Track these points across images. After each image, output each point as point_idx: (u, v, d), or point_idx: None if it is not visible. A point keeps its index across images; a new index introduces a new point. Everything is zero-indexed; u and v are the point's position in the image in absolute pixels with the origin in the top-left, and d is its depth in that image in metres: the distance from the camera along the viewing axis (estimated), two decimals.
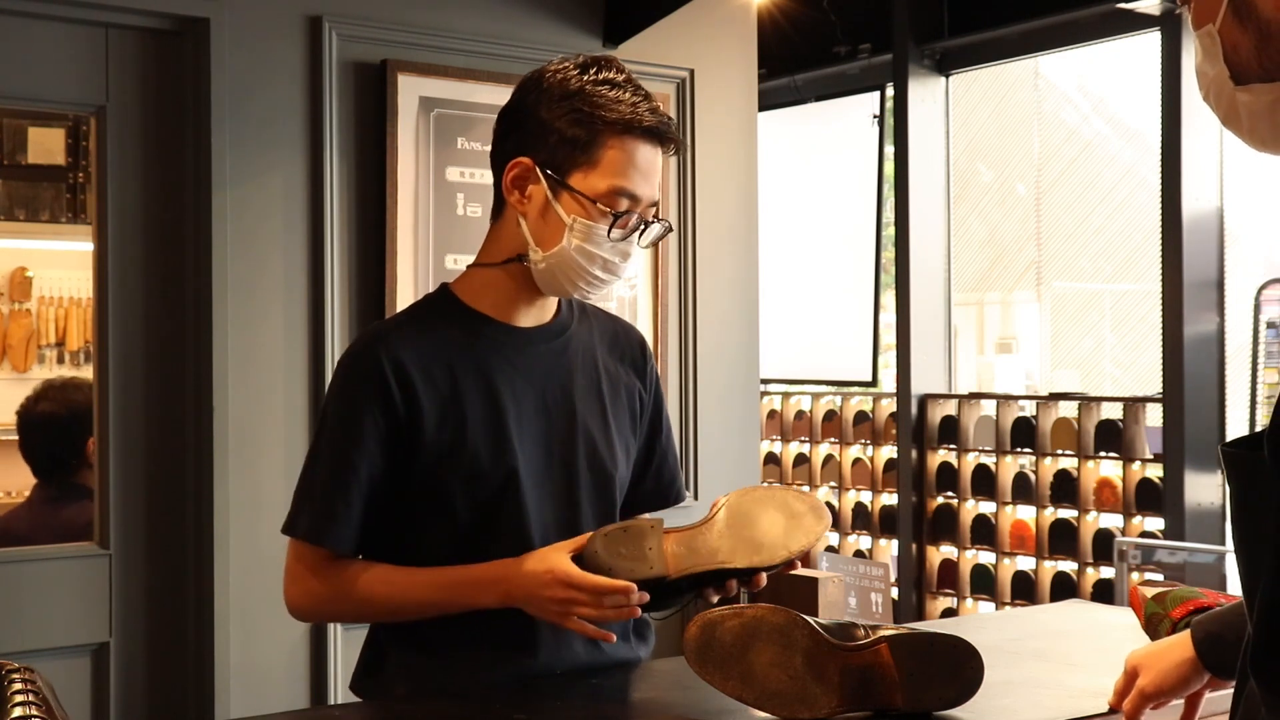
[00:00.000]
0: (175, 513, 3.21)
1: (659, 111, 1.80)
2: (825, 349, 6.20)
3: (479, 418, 1.79)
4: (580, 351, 1.90)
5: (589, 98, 1.77)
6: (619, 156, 1.76)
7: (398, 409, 1.77)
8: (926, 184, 5.68)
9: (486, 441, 1.79)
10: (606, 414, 1.90)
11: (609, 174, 1.76)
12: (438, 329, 1.83)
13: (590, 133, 1.76)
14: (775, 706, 1.59)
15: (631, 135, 1.76)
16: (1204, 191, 4.71)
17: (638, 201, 1.78)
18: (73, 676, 3.07)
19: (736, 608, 1.63)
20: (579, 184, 1.76)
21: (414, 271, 3.42)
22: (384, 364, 1.77)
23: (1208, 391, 4.71)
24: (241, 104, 3.23)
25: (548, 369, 1.86)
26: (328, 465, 1.79)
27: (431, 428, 1.77)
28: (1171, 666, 1.59)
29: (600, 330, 1.96)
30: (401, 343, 1.80)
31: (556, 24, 3.67)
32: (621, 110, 1.76)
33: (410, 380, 1.77)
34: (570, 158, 1.77)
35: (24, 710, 1.24)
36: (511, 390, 1.82)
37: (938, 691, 1.59)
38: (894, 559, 5.73)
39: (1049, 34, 5.29)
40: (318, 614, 1.86)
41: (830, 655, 1.58)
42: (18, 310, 5.21)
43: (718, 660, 1.60)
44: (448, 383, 1.79)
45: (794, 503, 1.74)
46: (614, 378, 1.93)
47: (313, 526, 1.79)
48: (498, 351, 1.83)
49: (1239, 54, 0.98)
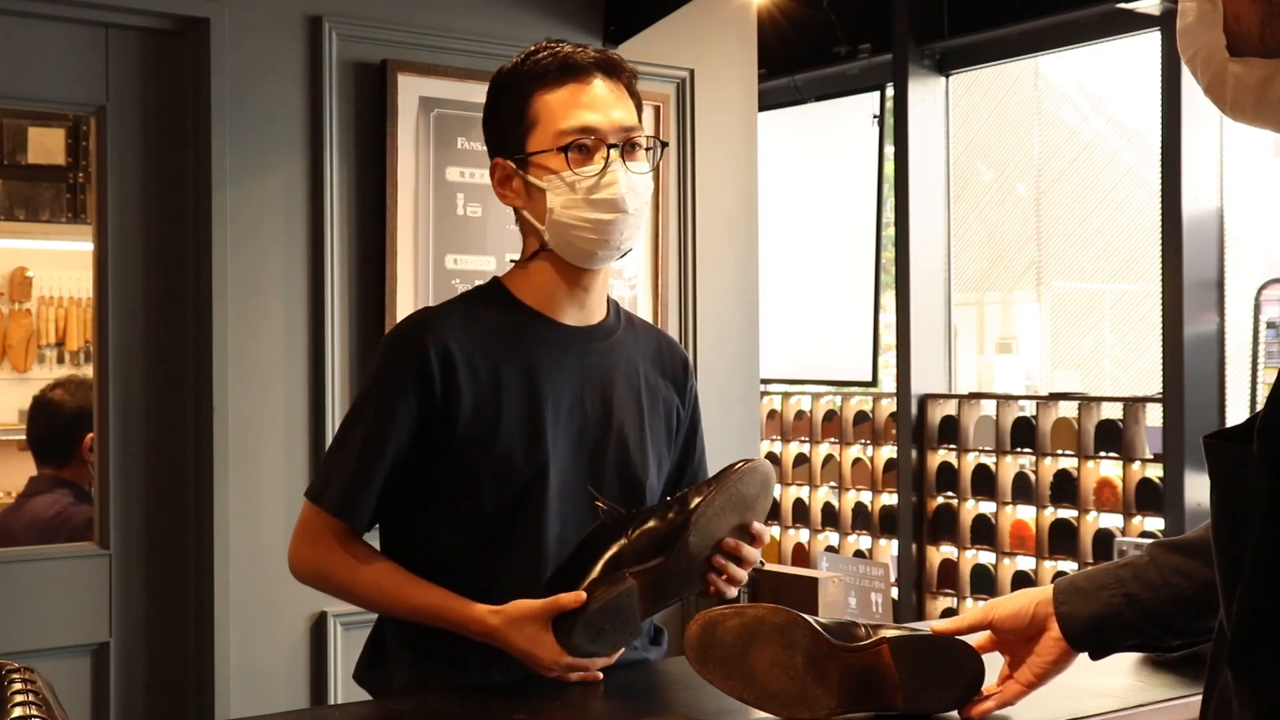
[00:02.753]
0: (175, 513, 3.20)
1: (589, 51, 1.82)
2: (825, 349, 6.20)
3: (516, 411, 1.80)
4: (623, 358, 1.91)
5: (520, 75, 1.82)
6: (553, 102, 1.79)
7: (436, 396, 1.78)
8: (926, 184, 5.67)
9: (521, 436, 1.80)
10: (643, 422, 1.91)
11: (551, 121, 1.79)
12: (485, 319, 1.85)
13: (524, 99, 1.80)
14: (775, 706, 1.58)
15: (558, 80, 1.79)
16: (1204, 191, 4.71)
17: (595, 132, 1.79)
18: (73, 676, 3.07)
19: (738, 607, 1.63)
20: (534, 148, 1.80)
21: (414, 271, 3.42)
22: (429, 349, 1.78)
23: (1208, 391, 4.71)
24: (241, 104, 3.23)
25: (589, 369, 1.86)
26: (358, 442, 1.81)
27: (467, 418, 1.78)
28: (1021, 595, 1.59)
29: (645, 342, 1.97)
30: (448, 329, 1.81)
31: (556, 24, 3.67)
32: (542, 66, 1.80)
33: (453, 368, 1.78)
34: (519, 133, 1.81)
35: (24, 710, 1.24)
36: (552, 385, 1.83)
37: (938, 693, 1.59)
38: (894, 559, 5.72)
39: (1049, 34, 5.29)
40: (312, 583, 1.88)
41: (831, 656, 1.58)
42: (18, 310, 5.21)
43: (718, 660, 1.60)
44: (489, 373, 1.80)
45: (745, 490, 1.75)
46: (654, 389, 1.94)
47: (339, 500, 1.80)
48: (541, 346, 1.84)
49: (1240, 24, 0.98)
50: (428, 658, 1.82)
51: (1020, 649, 1.59)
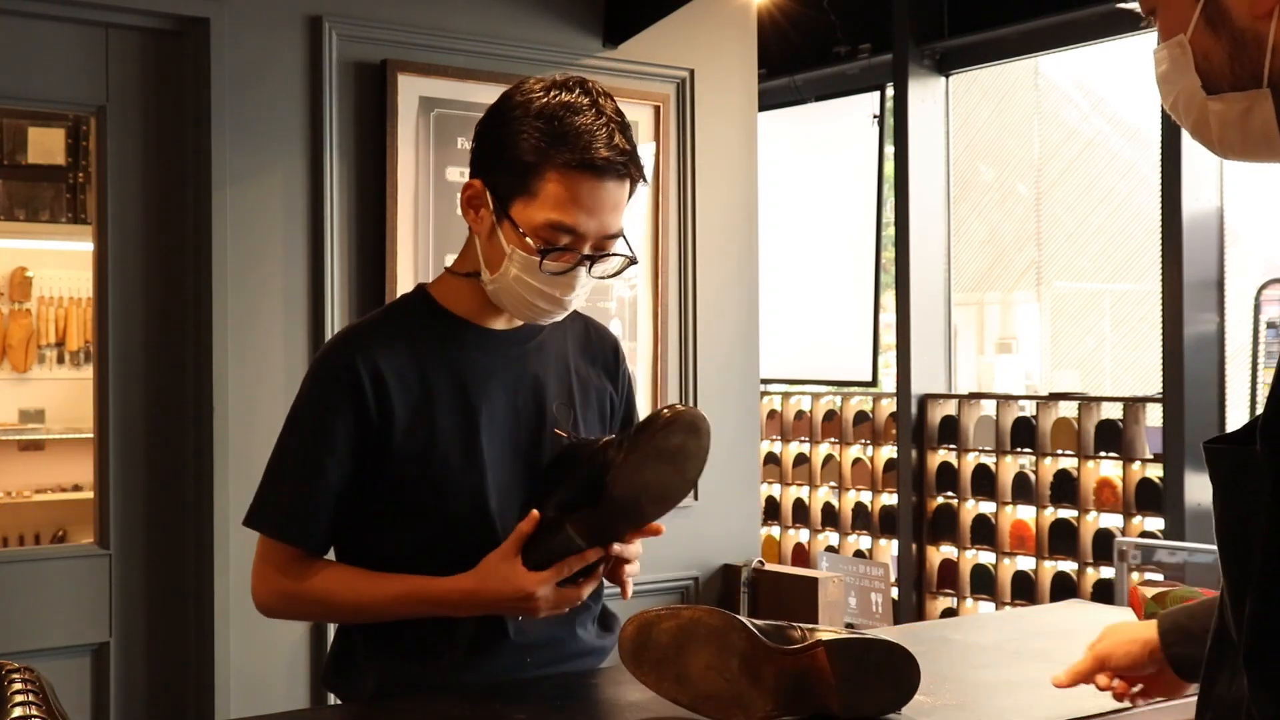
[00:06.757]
0: (175, 512, 3.21)
1: (616, 144, 1.73)
2: (825, 349, 6.20)
3: (450, 423, 1.80)
4: (553, 355, 1.90)
5: (544, 122, 1.72)
6: (559, 191, 1.72)
7: (370, 414, 1.77)
8: (926, 184, 5.67)
9: (456, 448, 1.79)
10: (576, 418, 1.90)
11: (547, 208, 1.72)
12: (412, 332, 1.84)
13: (536, 161, 1.72)
14: (710, 709, 1.57)
15: (577, 170, 1.71)
16: (1204, 191, 4.71)
17: (581, 237, 1.73)
18: (73, 676, 3.07)
19: (674, 608, 1.62)
20: (518, 214, 1.74)
21: (414, 271, 3.42)
22: (359, 368, 1.77)
23: (1208, 391, 4.71)
24: (241, 104, 3.23)
25: (519, 371, 1.86)
26: (297, 466, 1.80)
27: (402, 433, 1.78)
28: (1128, 640, 1.60)
29: (573, 332, 1.96)
30: (376, 347, 1.80)
31: (556, 24, 3.67)
32: (571, 142, 1.71)
33: (384, 385, 1.78)
34: (514, 186, 1.75)
35: (24, 710, 1.24)
36: (484, 393, 1.82)
37: (873, 697, 1.58)
38: (894, 559, 5.72)
39: (1049, 34, 5.29)
40: (284, 612, 1.85)
41: (766, 658, 1.57)
42: (18, 310, 5.22)
43: (653, 661, 1.59)
44: (420, 388, 1.80)
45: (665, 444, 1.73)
46: (585, 380, 1.94)
47: (283, 525, 1.80)
48: (471, 355, 1.83)
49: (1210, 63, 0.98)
50: (397, 657, 1.82)
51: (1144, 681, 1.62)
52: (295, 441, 1.81)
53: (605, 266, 1.80)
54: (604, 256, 1.78)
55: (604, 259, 1.78)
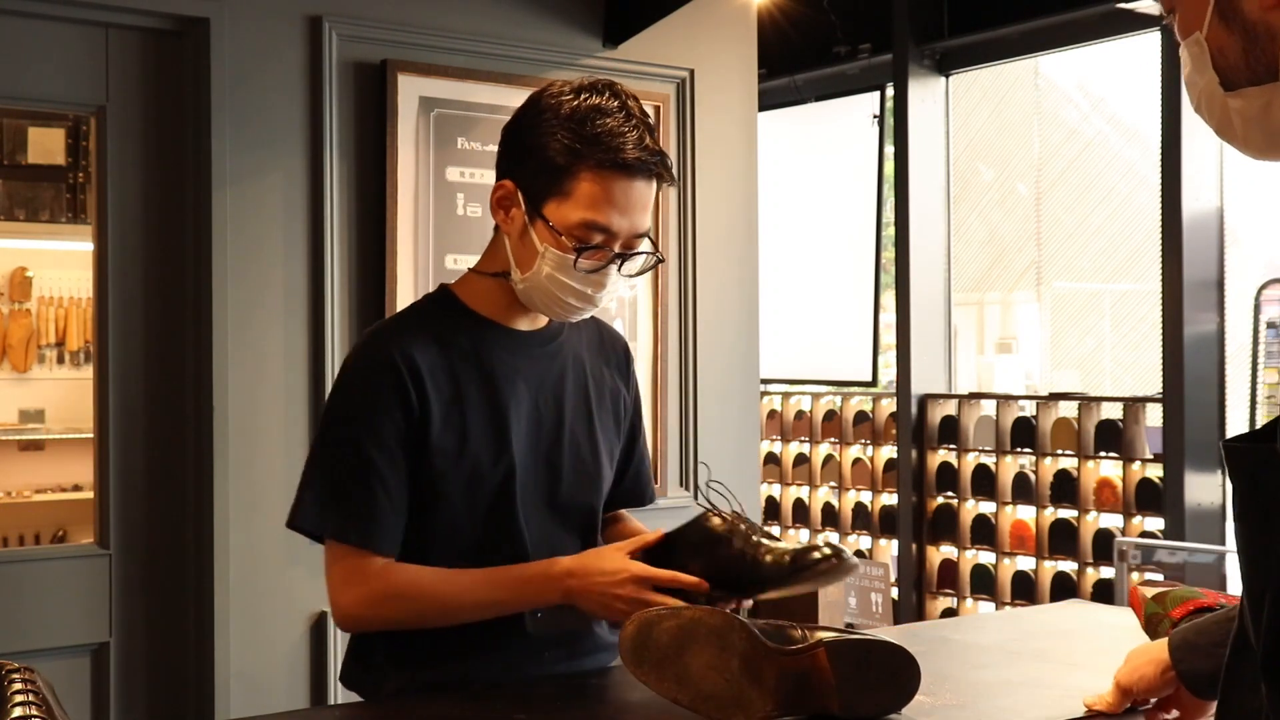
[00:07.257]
0: (175, 512, 3.20)
1: (646, 145, 1.77)
2: (825, 349, 6.20)
3: (480, 420, 1.82)
4: (570, 356, 1.94)
5: (575, 124, 1.76)
6: (593, 190, 1.76)
7: (413, 408, 1.78)
8: (926, 184, 5.68)
9: (487, 445, 1.81)
10: (592, 417, 1.94)
11: (581, 207, 1.76)
12: (440, 330, 1.85)
13: (569, 162, 1.76)
14: (711, 709, 1.57)
15: (609, 170, 1.75)
16: (1204, 191, 4.71)
17: (614, 235, 1.77)
18: (73, 676, 3.07)
19: (675, 608, 1.62)
20: (551, 214, 1.77)
21: (414, 271, 3.42)
22: (399, 362, 1.79)
23: (1208, 391, 4.71)
24: (241, 104, 3.23)
25: (541, 372, 1.89)
26: (352, 465, 1.78)
27: (437, 429, 1.79)
28: (1144, 662, 1.60)
29: (588, 334, 2.00)
30: (409, 342, 1.82)
31: (557, 24, 3.67)
32: (603, 143, 1.75)
33: (422, 380, 1.79)
34: (547, 186, 1.78)
35: (24, 710, 1.24)
36: (513, 392, 1.85)
37: (874, 697, 1.58)
38: (894, 559, 5.73)
39: (1049, 34, 5.29)
40: (374, 619, 1.81)
41: (767, 659, 1.57)
42: (18, 310, 5.22)
43: (653, 661, 1.59)
44: (451, 385, 1.81)
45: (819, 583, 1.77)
46: (600, 381, 1.97)
47: (359, 530, 1.78)
48: (498, 354, 1.86)
49: (1226, 58, 0.98)
50: (414, 655, 1.82)
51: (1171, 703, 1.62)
52: (344, 443, 1.80)
53: (633, 265, 1.84)
54: (633, 255, 1.82)
55: (633, 257, 1.83)
